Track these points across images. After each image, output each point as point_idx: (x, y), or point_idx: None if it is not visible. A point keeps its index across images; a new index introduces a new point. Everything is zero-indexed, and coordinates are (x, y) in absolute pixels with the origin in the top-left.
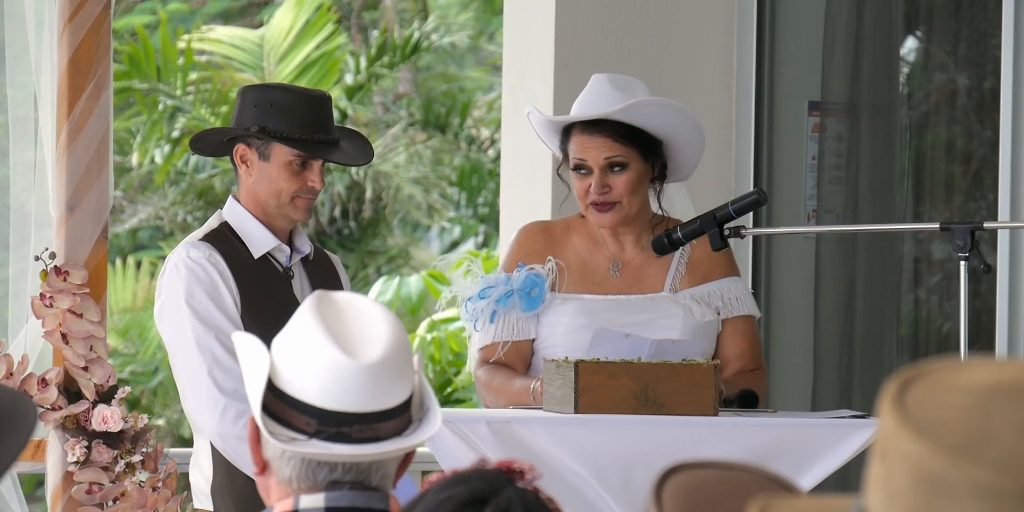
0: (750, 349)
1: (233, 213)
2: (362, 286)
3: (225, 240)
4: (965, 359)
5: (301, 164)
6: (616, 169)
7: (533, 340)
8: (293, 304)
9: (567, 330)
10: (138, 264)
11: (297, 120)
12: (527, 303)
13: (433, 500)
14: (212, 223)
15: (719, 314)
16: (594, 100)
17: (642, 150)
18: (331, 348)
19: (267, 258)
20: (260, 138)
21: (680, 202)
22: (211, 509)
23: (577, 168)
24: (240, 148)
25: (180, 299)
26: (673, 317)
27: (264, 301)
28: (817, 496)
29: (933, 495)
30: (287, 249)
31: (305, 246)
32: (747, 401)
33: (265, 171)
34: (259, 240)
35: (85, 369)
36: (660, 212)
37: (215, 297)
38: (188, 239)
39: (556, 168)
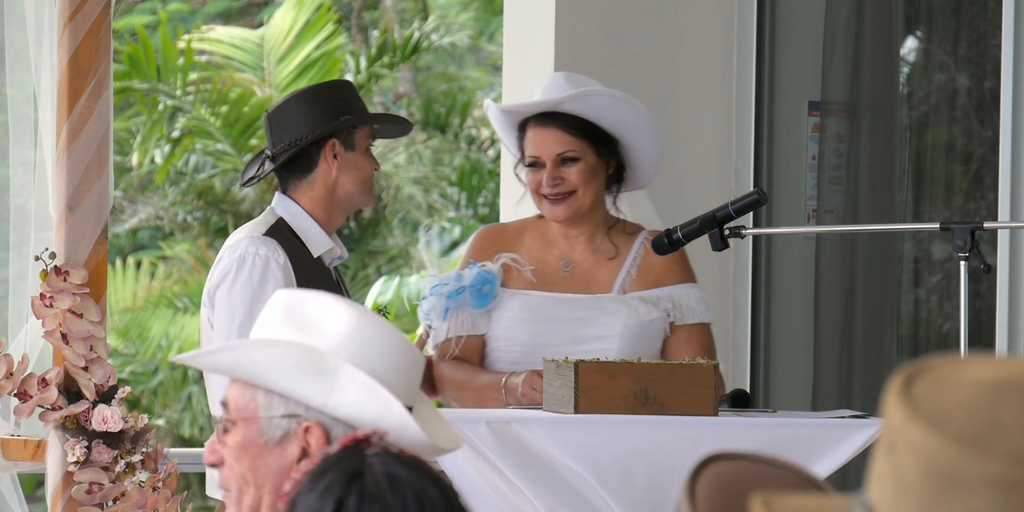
0: (705, 355)
1: (289, 211)
2: (362, 286)
3: (286, 237)
4: (963, 356)
5: (369, 151)
6: (567, 163)
7: (483, 336)
8: None
9: (509, 324)
10: (138, 264)
11: (363, 106)
12: (478, 300)
13: (312, 498)
14: (268, 218)
15: (669, 316)
16: (549, 95)
17: (595, 144)
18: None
19: (319, 258)
20: (355, 126)
21: (646, 212)
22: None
23: (531, 164)
24: (331, 143)
25: (245, 297)
26: (615, 315)
27: None
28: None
29: (944, 488)
30: (338, 251)
31: (344, 250)
32: (740, 401)
33: (352, 160)
34: (317, 240)
35: (85, 369)
36: (616, 214)
37: None
38: (250, 232)
39: (514, 167)
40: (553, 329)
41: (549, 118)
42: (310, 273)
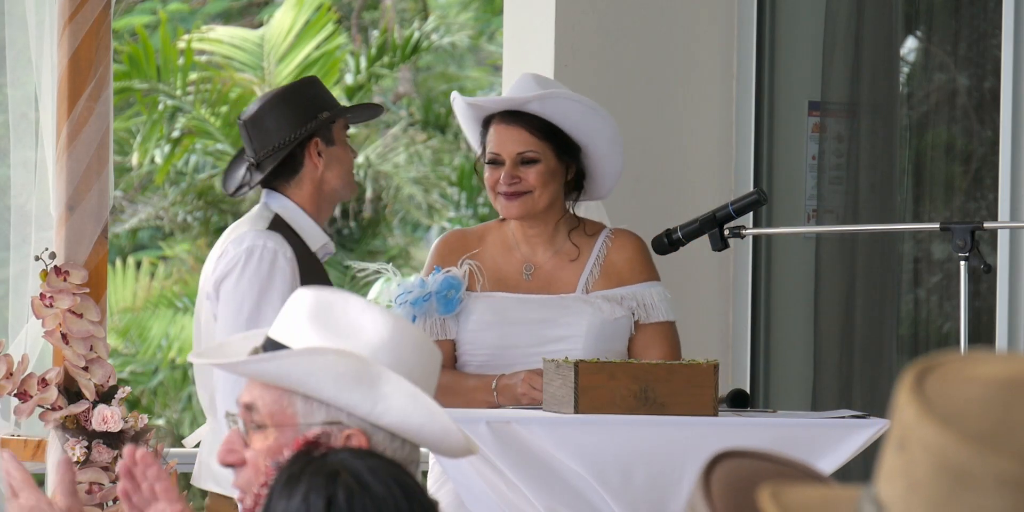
0: (672, 353)
1: (283, 206)
2: (362, 286)
3: (287, 232)
4: (972, 353)
5: (348, 143)
6: (526, 163)
7: (454, 340)
8: None
9: (474, 328)
10: (138, 264)
11: (335, 100)
12: (444, 306)
13: (294, 504)
14: (264, 213)
15: (634, 315)
16: (516, 93)
17: (556, 148)
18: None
19: (314, 253)
20: (333, 121)
21: (598, 218)
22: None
23: (491, 161)
24: (314, 142)
25: (254, 290)
26: (579, 314)
27: None
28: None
29: (956, 485)
30: (331, 246)
31: (332, 244)
32: (739, 401)
33: (335, 154)
34: (313, 235)
35: (85, 369)
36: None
37: (286, 297)
38: (252, 226)
39: (475, 162)
40: (518, 331)
41: (513, 117)
42: (310, 268)
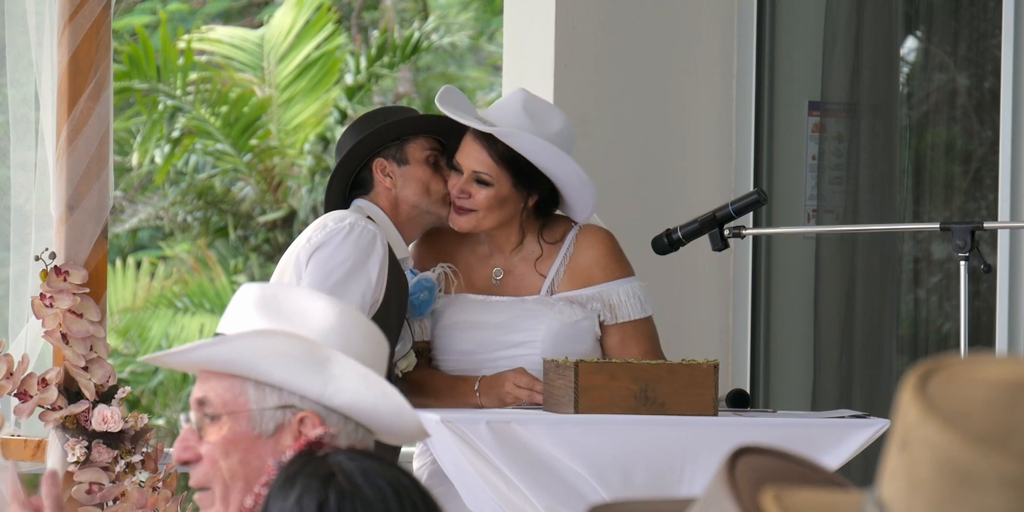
0: (653, 349)
1: (372, 212)
2: None
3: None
4: (975, 355)
5: (436, 163)
6: (480, 183)
7: (428, 341)
8: (404, 313)
9: (441, 333)
10: (138, 264)
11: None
12: (416, 308)
13: (287, 506)
14: (357, 210)
15: (600, 317)
16: (498, 112)
17: (515, 177)
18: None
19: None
20: (397, 139)
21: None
22: None
23: (453, 167)
24: (378, 162)
25: (348, 261)
26: (539, 319)
27: (394, 301)
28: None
29: (958, 485)
30: (410, 263)
31: (411, 260)
32: (739, 401)
33: (409, 174)
34: (397, 243)
35: (85, 369)
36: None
37: (373, 282)
38: (349, 212)
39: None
40: (478, 336)
41: (483, 134)
42: (396, 266)
